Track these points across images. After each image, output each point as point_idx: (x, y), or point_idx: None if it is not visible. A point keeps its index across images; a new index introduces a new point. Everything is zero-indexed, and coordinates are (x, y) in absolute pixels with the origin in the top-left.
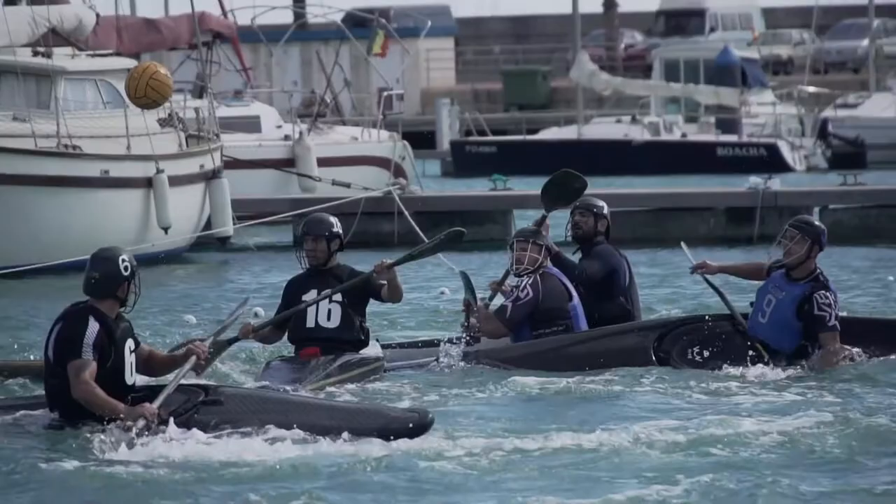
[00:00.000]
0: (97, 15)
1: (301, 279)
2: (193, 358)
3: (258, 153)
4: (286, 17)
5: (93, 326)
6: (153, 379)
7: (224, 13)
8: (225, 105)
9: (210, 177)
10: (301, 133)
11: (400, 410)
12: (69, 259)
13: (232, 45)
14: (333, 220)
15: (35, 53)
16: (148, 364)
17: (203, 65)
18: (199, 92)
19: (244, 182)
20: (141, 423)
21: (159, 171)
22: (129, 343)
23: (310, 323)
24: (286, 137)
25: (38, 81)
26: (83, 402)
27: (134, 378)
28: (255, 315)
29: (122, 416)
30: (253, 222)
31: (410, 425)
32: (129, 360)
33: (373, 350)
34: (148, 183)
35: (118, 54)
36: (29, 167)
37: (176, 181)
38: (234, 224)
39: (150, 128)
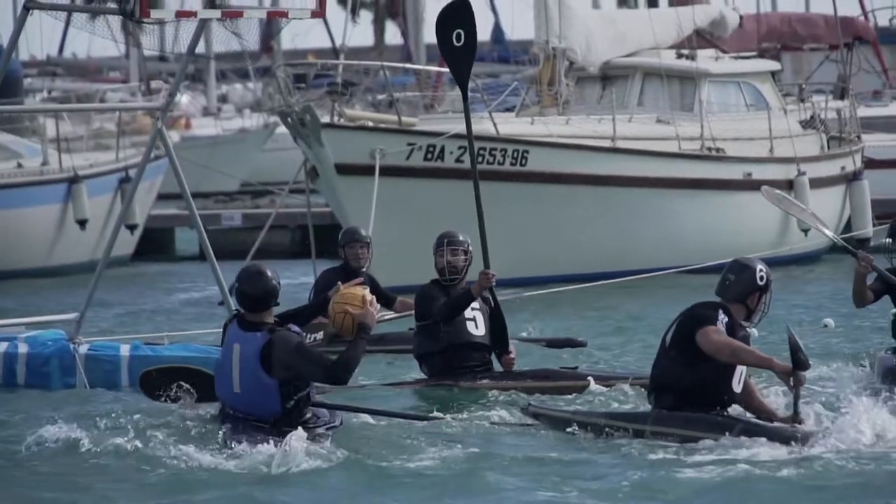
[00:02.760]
0: (740, 17)
1: None
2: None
3: None
4: None
5: (721, 317)
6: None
7: (864, 14)
8: (864, 106)
9: (851, 178)
10: None
11: None
12: (711, 262)
13: (871, 46)
14: None
15: (679, 56)
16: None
17: (844, 66)
18: (840, 93)
19: (883, 183)
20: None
21: (800, 174)
22: None
23: None
24: None
25: (681, 84)
26: (733, 355)
27: (741, 385)
28: (825, 326)
29: (774, 368)
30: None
31: None
32: (740, 370)
33: None
34: (789, 185)
35: (760, 56)
36: (673, 169)
37: (816, 183)
38: (874, 225)
39: (792, 130)
